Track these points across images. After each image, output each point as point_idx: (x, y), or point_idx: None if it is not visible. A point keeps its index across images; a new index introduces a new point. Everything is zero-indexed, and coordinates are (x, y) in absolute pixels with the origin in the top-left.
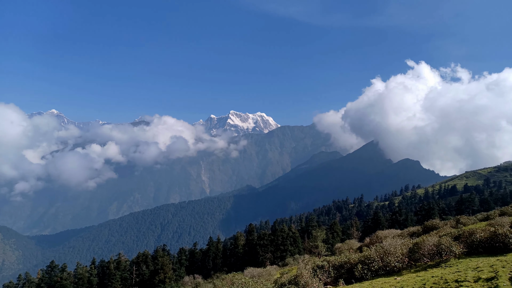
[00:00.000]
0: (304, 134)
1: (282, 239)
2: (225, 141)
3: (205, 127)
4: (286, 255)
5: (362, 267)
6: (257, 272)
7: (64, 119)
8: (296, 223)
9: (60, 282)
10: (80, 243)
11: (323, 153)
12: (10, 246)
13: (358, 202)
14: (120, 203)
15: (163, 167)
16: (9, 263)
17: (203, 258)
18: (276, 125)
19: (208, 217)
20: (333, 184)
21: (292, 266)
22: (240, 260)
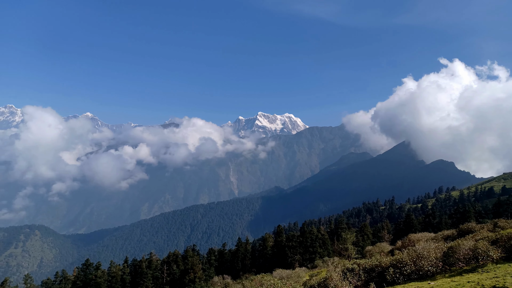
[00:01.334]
0: (333, 135)
1: (311, 241)
2: (253, 142)
3: (233, 129)
4: (315, 257)
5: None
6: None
7: (98, 121)
8: (325, 225)
9: (95, 280)
10: (113, 242)
11: (353, 154)
12: (48, 244)
13: (389, 204)
14: (151, 203)
15: (192, 168)
16: (47, 261)
17: (232, 259)
18: (304, 126)
19: (237, 218)
20: (363, 185)
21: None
22: (268, 261)
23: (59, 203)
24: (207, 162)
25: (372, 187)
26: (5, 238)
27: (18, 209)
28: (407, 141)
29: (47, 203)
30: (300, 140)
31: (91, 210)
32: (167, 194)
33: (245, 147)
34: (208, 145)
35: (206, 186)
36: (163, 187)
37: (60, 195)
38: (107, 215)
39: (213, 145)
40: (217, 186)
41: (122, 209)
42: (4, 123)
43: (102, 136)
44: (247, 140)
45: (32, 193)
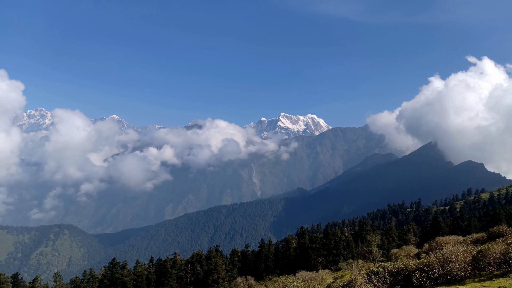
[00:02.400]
0: (356, 136)
1: (334, 243)
2: (276, 143)
3: (256, 130)
4: (339, 259)
5: (420, 274)
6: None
7: (124, 124)
8: (349, 227)
9: (121, 278)
10: (139, 242)
11: (377, 155)
12: (76, 243)
13: (416, 207)
14: (175, 204)
15: (216, 169)
16: (75, 259)
17: (255, 260)
18: (327, 127)
19: (260, 219)
20: (387, 187)
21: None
22: (291, 263)
23: (87, 203)
24: (230, 163)
25: (397, 189)
26: (36, 237)
27: (48, 209)
28: (434, 141)
29: (76, 203)
30: (323, 141)
31: (118, 210)
32: (190, 195)
33: (267, 148)
34: (231, 146)
35: (229, 187)
36: (187, 188)
37: (88, 195)
38: (132, 215)
39: (235, 146)
40: (240, 187)
41: (147, 209)
42: (35, 126)
43: (128, 138)
44: (270, 141)
45: (61, 193)
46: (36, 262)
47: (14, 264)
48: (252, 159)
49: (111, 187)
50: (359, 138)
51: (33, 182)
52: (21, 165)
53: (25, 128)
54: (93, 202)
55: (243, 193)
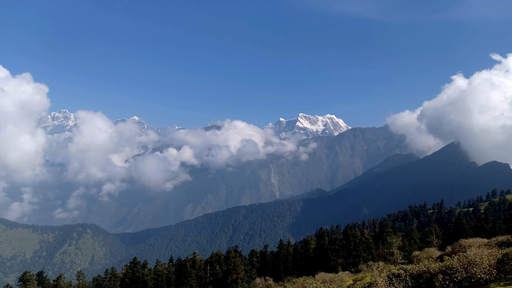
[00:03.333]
0: (376, 136)
1: (354, 244)
2: (294, 144)
3: (274, 131)
4: (359, 261)
5: (443, 277)
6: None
7: (144, 125)
8: (369, 228)
9: (142, 277)
10: (159, 242)
11: (398, 155)
12: (98, 242)
13: (438, 208)
14: (194, 204)
15: (234, 170)
16: (97, 258)
17: (274, 261)
18: (346, 127)
19: (278, 220)
20: (409, 188)
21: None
22: (310, 264)
23: (108, 203)
24: (248, 163)
25: (419, 190)
26: (60, 236)
27: (72, 209)
28: (457, 141)
29: (98, 203)
30: (342, 141)
31: (138, 210)
32: (209, 195)
33: (286, 149)
34: (249, 147)
35: (247, 187)
36: (206, 188)
37: (110, 195)
38: (153, 215)
39: (254, 147)
40: (259, 188)
41: (167, 209)
42: (59, 127)
43: (148, 139)
44: (288, 141)
45: (84, 193)
46: (60, 260)
47: (39, 262)
48: (270, 160)
49: (132, 187)
50: (379, 138)
51: (57, 182)
52: (45, 166)
53: (49, 129)
54: (115, 202)
55: (262, 194)
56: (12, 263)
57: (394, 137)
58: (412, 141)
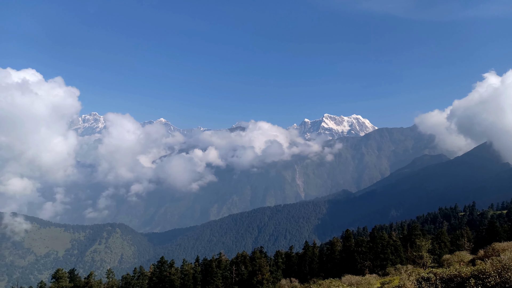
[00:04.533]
0: (404, 136)
1: (382, 247)
2: (320, 144)
3: (299, 131)
4: (387, 264)
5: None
6: (356, 280)
7: (171, 126)
8: (397, 230)
9: (169, 277)
10: (185, 241)
11: (427, 156)
12: (127, 241)
13: (469, 210)
14: (220, 204)
15: (259, 170)
16: (126, 257)
17: (299, 262)
18: (373, 128)
19: (303, 221)
20: (438, 190)
21: (394, 276)
22: (337, 266)
23: (137, 203)
24: (273, 164)
25: (449, 192)
26: (90, 235)
27: (102, 208)
28: (489, 142)
29: (127, 203)
30: (368, 142)
31: (165, 210)
32: (235, 196)
33: (311, 150)
34: (274, 147)
35: (272, 188)
36: (231, 189)
37: (138, 195)
38: (179, 215)
39: (279, 147)
40: (283, 189)
41: (193, 209)
42: (89, 130)
43: (174, 140)
44: (313, 142)
45: (113, 193)
46: (90, 258)
47: (70, 260)
48: (295, 161)
49: (159, 187)
50: (407, 138)
51: (88, 182)
52: (77, 167)
53: (80, 131)
54: (143, 202)
55: (287, 195)
56: (46, 261)
57: (423, 138)
58: (441, 142)
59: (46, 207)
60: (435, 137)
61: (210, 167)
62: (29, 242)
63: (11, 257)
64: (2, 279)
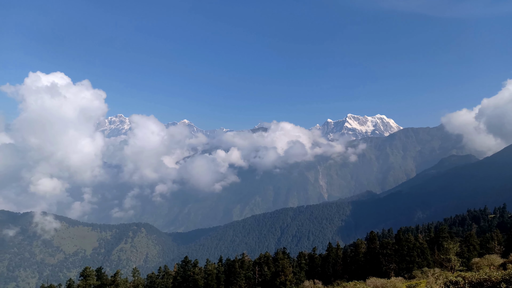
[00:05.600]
0: (430, 136)
1: (408, 249)
2: (343, 145)
3: (322, 132)
4: (413, 267)
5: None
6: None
7: (194, 128)
8: (424, 233)
9: (193, 276)
10: (209, 241)
11: (454, 156)
12: (152, 241)
13: (500, 212)
14: (242, 205)
15: (282, 171)
16: (151, 256)
17: (322, 264)
18: (398, 128)
19: (327, 223)
20: (467, 191)
21: (420, 279)
22: (361, 268)
23: (161, 203)
24: (296, 165)
25: (478, 193)
26: (117, 234)
27: (127, 208)
28: None
29: (151, 203)
30: (393, 142)
31: (189, 210)
32: (257, 197)
33: (334, 150)
34: (296, 148)
35: (295, 189)
36: (253, 189)
37: (162, 195)
38: (202, 215)
39: (301, 148)
40: (306, 190)
41: (216, 210)
42: (115, 131)
43: (198, 141)
44: (336, 143)
45: (138, 193)
46: (117, 257)
47: (98, 258)
48: (318, 161)
49: (183, 188)
50: (433, 138)
51: (114, 183)
52: (103, 168)
53: (107, 133)
54: (167, 202)
55: (310, 196)
56: (74, 259)
57: (450, 137)
58: (470, 142)
59: (75, 206)
60: (463, 137)
61: (233, 167)
62: (59, 240)
63: (42, 255)
64: (33, 276)
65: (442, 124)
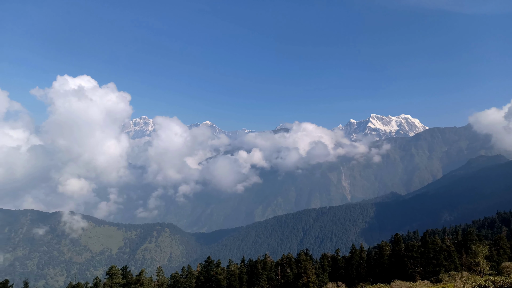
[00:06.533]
0: (457, 136)
1: (434, 252)
2: (366, 145)
3: (345, 132)
4: (440, 270)
5: None
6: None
7: (216, 129)
8: (451, 235)
9: (216, 276)
10: (231, 242)
11: (483, 157)
12: (175, 241)
13: None
14: (264, 206)
15: (304, 172)
16: (175, 256)
17: (346, 266)
18: (423, 127)
19: (350, 224)
20: (496, 192)
21: (447, 283)
22: (385, 271)
23: (184, 204)
24: (318, 166)
25: (508, 195)
26: (141, 234)
27: (152, 208)
28: None
29: (175, 203)
30: (418, 142)
31: (211, 211)
32: (279, 198)
33: (357, 151)
34: (319, 149)
35: (317, 190)
36: (275, 190)
37: (185, 196)
38: (225, 216)
39: (324, 149)
40: (329, 191)
41: (238, 211)
42: (139, 133)
43: (220, 142)
44: (360, 143)
45: (162, 194)
46: (141, 256)
47: (123, 257)
48: (341, 162)
49: (205, 188)
50: (460, 138)
51: (139, 183)
52: (128, 168)
53: (132, 135)
54: (190, 203)
55: (332, 197)
56: (101, 258)
57: (478, 137)
58: (499, 141)
59: (101, 206)
60: (492, 136)
61: (255, 168)
62: (86, 239)
63: (70, 254)
64: (61, 274)
65: (469, 123)
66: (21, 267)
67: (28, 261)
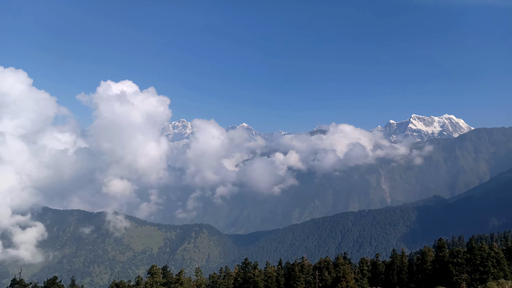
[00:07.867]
0: (506, 137)
1: (481, 258)
2: (407, 147)
3: (384, 133)
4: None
5: None
6: None
7: (252, 131)
8: (500, 241)
9: (253, 278)
10: (268, 244)
11: None
12: (213, 242)
13: None
14: (301, 208)
15: (341, 174)
16: (213, 257)
17: (386, 271)
18: (468, 128)
19: (390, 228)
20: None
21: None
22: (428, 277)
23: (221, 205)
24: (356, 168)
25: None
26: (180, 234)
27: (190, 210)
28: None
29: (212, 204)
30: (463, 143)
31: (248, 212)
32: (316, 200)
33: (397, 153)
34: (357, 150)
35: (355, 193)
36: (312, 193)
37: (223, 198)
38: (261, 218)
39: (362, 150)
40: (368, 194)
41: (275, 213)
42: (178, 135)
43: (256, 144)
44: (400, 145)
45: (200, 195)
46: (181, 257)
47: (163, 257)
48: (380, 164)
49: (242, 190)
50: (509, 139)
51: (178, 185)
52: (168, 170)
53: (171, 137)
54: (227, 204)
55: (371, 200)
56: (142, 257)
57: None
58: None
59: (142, 207)
60: None
61: (292, 170)
62: (128, 239)
63: (113, 252)
64: (105, 272)
65: None
66: (68, 265)
67: (75, 259)
